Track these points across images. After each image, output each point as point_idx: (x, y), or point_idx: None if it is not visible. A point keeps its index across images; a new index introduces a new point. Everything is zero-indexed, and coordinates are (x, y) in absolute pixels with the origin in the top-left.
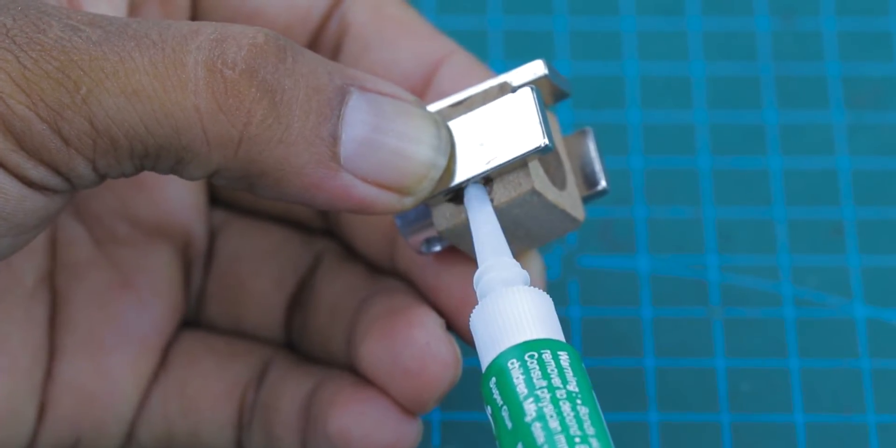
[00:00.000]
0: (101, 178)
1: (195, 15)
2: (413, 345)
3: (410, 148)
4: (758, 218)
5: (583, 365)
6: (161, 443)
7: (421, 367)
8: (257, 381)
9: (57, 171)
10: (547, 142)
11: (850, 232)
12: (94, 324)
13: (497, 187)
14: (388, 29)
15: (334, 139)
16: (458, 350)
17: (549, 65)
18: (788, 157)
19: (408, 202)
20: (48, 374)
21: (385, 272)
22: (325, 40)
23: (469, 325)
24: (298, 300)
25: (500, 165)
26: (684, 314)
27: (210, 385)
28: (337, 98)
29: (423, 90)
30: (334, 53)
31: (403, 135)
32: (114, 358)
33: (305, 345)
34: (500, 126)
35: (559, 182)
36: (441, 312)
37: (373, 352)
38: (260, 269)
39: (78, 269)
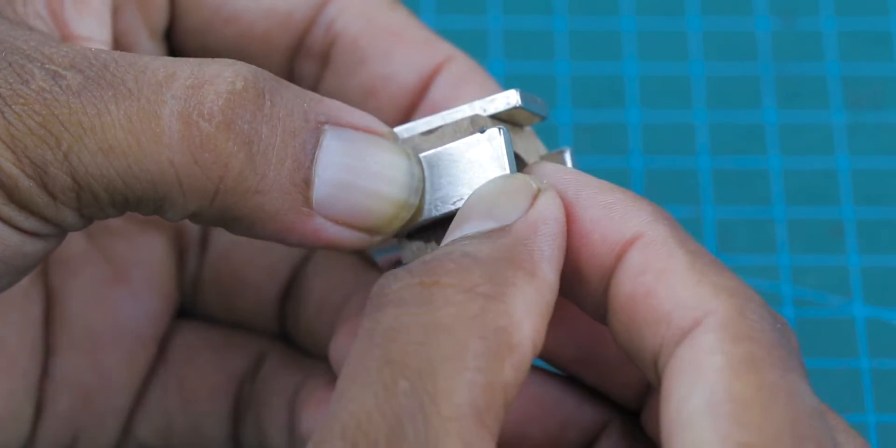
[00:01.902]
0: (89, 221)
1: (173, 18)
2: None
3: (383, 189)
4: (758, 218)
5: None
6: (160, 436)
7: None
8: (252, 373)
9: (47, 221)
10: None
11: (850, 232)
12: (89, 320)
13: None
14: (382, 40)
15: (307, 184)
16: None
17: (523, 94)
18: (788, 157)
19: (376, 240)
20: (45, 373)
21: (375, 265)
22: (310, 48)
23: None
24: (291, 290)
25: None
26: None
27: (208, 378)
28: (311, 140)
29: (418, 101)
30: (322, 63)
31: (377, 175)
32: (110, 353)
33: (298, 336)
34: (469, 165)
35: None
36: None
37: (339, 350)
38: (253, 257)
39: (71, 264)
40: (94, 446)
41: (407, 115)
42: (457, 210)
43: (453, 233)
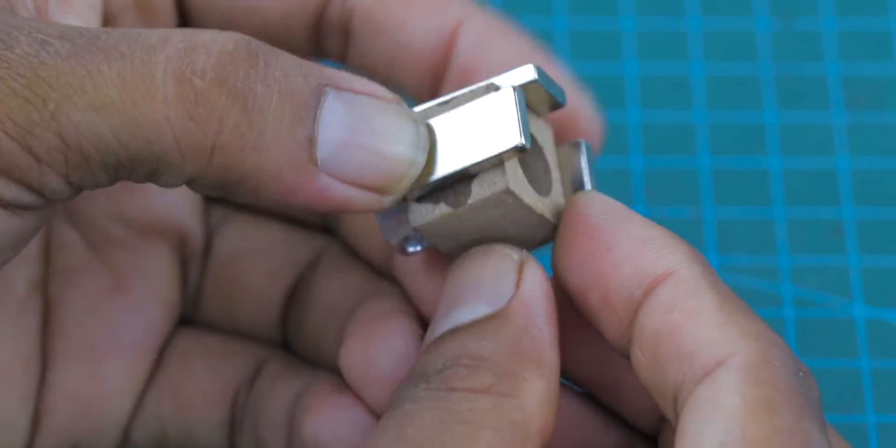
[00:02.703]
0: (77, 190)
1: (186, 19)
2: (389, 353)
3: (388, 147)
4: (758, 218)
5: None
6: (156, 443)
7: (396, 377)
8: (250, 381)
9: (30, 187)
10: (523, 141)
11: (850, 232)
12: (87, 330)
13: (475, 186)
14: (395, 8)
15: (310, 142)
16: None
17: (540, 71)
18: (788, 157)
19: (387, 201)
20: (42, 383)
21: (385, 274)
22: (330, 26)
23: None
24: (295, 298)
25: (476, 163)
26: None
27: (203, 385)
28: (312, 100)
29: (444, 67)
30: (344, 39)
31: (381, 134)
32: (108, 363)
33: (300, 344)
34: (479, 124)
35: (544, 189)
36: (425, 320)
37: (350, 356)
38: (256, 265)
39: (71, 274)
40: None
41: (436, 82)
42: (465, 169)
43: (447, 317)
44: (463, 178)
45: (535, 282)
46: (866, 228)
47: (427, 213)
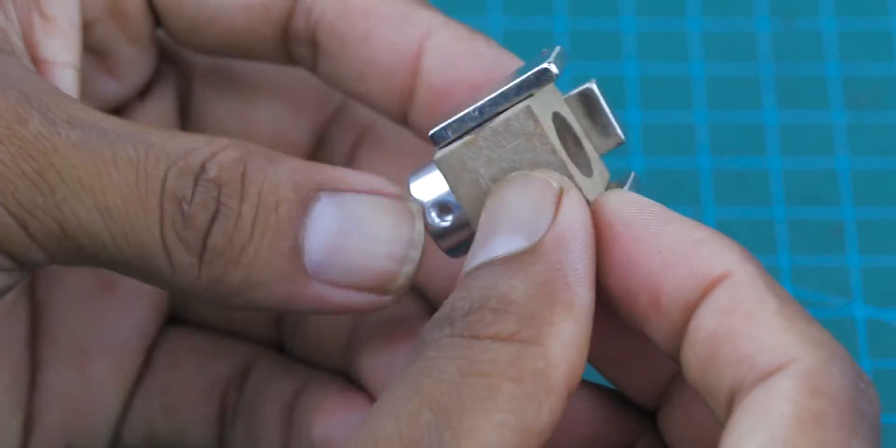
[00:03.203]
0: (51, 264)
1: (159, 23)
2: None
3: (374, 248)
4: (758, 218)
5: None
6: (146, 442)
7: None
8: (239, 380)
9: (13, 258)
10: (550, 67)
11: (850, 232)
12: (76, 332)
13: (500, 117)
14: (357, 22)
15: (296, 253)
16: None
17: (557, 61)
18: (788, 157)
19: (387, 300)
20: (33, 386)
21: None
22: (297, 37)
23: None
24: None
25: (505, 91)
26: None
27: (191, 384)
28: (298, 210)
29: (413, 82)
30: (313, 50)
31: (368, 235)
32: (98, 365)
33: (297, 344)
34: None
35: (583, 165)
36: None
37: (371, 361)
38: None
39: (59, 276)
40: None
41: (405, 98)
42: (494, 102)
43: (482, 248)
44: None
45: (573, 213)
46: (866, 228)
47: (451, 147)
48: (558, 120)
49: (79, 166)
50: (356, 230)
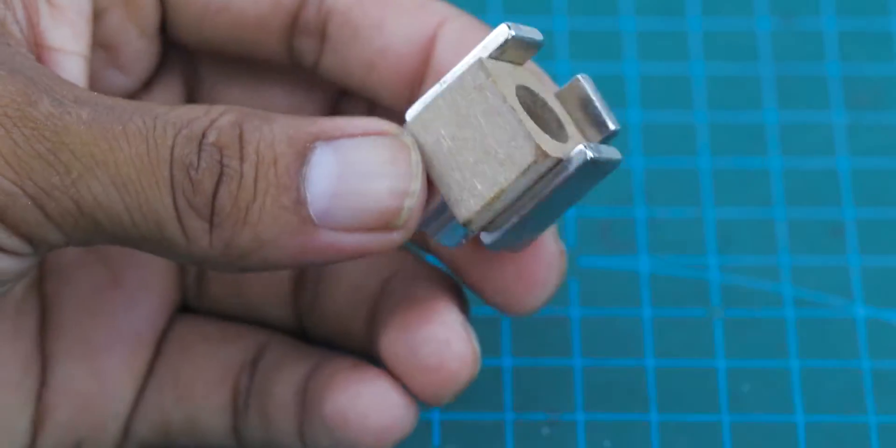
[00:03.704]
0: (68, 245)
1: (165, 14)
2: (433, 341)
3: (374, 186)
4: (758, 218)
5: None
6: (158, 432)
7: (440, 364)
8: (252, 365)
9: (31, 241)
10: (509, 29)
11: (850, 232)
12: (85, 327)
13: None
14: (372, 10)
15: (299, 204)
16: (478, 347)
17: (512, 25)
18: (788, 157)
19: (397, 237)
20: (43, 383)
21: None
22: (306, 27)
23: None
24: (308, 276)
25: (453, 72)
26: (684, 314)
27: (203, 371)
28: (296, 163)
29: (422, 72)
30: (319, 43)
31: (366, 174)
32: (108, 359)
33: (316, 324)
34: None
35: (562, 138)
36: (473, 288)
37: (392, 344)
38: None
39: (66, 271)
40: None
41: (414, 86)
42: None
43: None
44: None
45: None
46: (866, 228)
47: (415, 113)
48: (535, 99)
49: (91, 143)
50: (354, 172)
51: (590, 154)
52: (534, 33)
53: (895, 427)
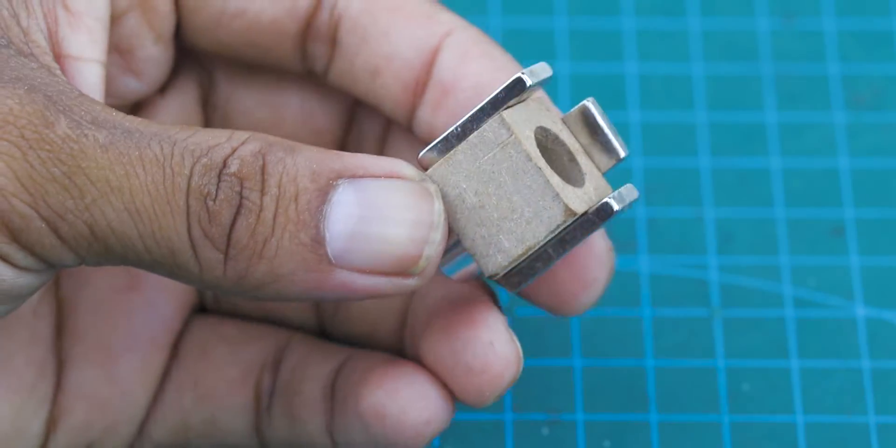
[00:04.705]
0: (81, 264)
1: (180, 19)
2: (477, 344)
3: (395, 232)
4: (758, 218)
5: None
6: (177, 434)
7: (484, 366)
8: (273, 365)
9: (46, 262)
10: (525, 78)
11: (850, 232)
12: (101, 331)
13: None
14: (382, 17)
15: (317, 242)
16: (520, 348)
17: (528, 73)
18: (788, 157)
19: (413, 283)
20: (58, 386)
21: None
22: (318, 31)
23: None
24: None
25: (479, 110)
26: (684, 314)
27: (223, 372)
28: (318, 200)
29: (425, 80)
30: (330, 48)
31: (388, 219)
32: (123, 363)
33: (340, 324)
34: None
35: (576, 179)
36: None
37: (434, 346)
38: None
39: (83, 276)
40: None
41: (416, 94)
42: (470, 121)
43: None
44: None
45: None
46: (866, 228)
47: (434, 165)
48: (547, 134)
49: (107, 168)
50: (376, 215)
51: (615, 206)
52: (545, 71)
53: (895, 427)
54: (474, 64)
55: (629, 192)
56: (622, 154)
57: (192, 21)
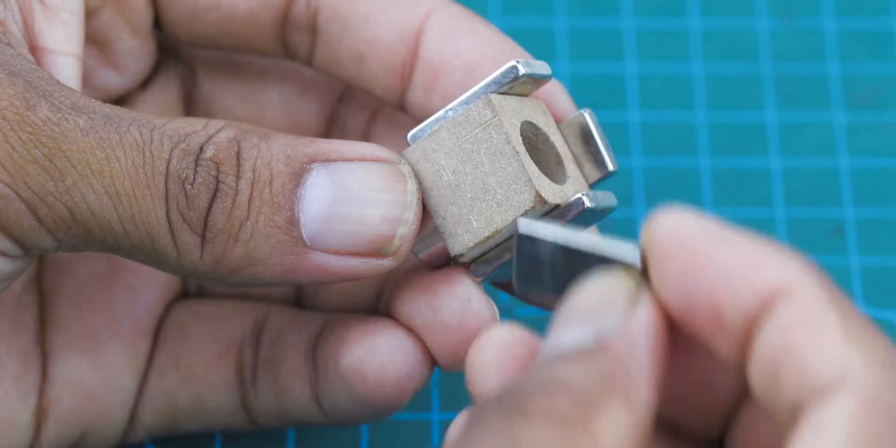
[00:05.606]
0: (58, 250)
1: (157, 13)
2: (454, 300)
3: (368, 213)
4: (758, 217)
5: None
6: (166, 418)
7: (461, 323)
8: (253, 339)
9: (22, 244)
10: (519, 66)
11: (850, 232)
12: (84, 319)
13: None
14: (360, 3)
15: (292, 224)
16: (497, 310)
17: (523, 62)
18: (788, 157)
19: (387, 263)
20: (44, 376)
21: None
22: (297, 21)
23: None
24: None
25: (471, 94)
26: None
27: (203, 351)
28: (291, 183)
29: (412, 62)
30: (311, 38)
31: (361, 200)
32: (108, 350)
33: (318, 300)
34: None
35: (559, 180)
36: None
37: (410, 303)
38: None
39: (65, 264)
40: (101, 440)
41: (404, 77)
42: (449, 108)
43: (552, 342)
44: None
45: (648, 317)
46: (866, 228)
47: (418, 141)
48: (538, 133)
49: (87, 151)
50: (349, 197)
51: (587, 203)
52: (543, 68)
53: None
54: (460, 42)
55: (607, 197)
56: (611, 168)
57: (169, 15)
